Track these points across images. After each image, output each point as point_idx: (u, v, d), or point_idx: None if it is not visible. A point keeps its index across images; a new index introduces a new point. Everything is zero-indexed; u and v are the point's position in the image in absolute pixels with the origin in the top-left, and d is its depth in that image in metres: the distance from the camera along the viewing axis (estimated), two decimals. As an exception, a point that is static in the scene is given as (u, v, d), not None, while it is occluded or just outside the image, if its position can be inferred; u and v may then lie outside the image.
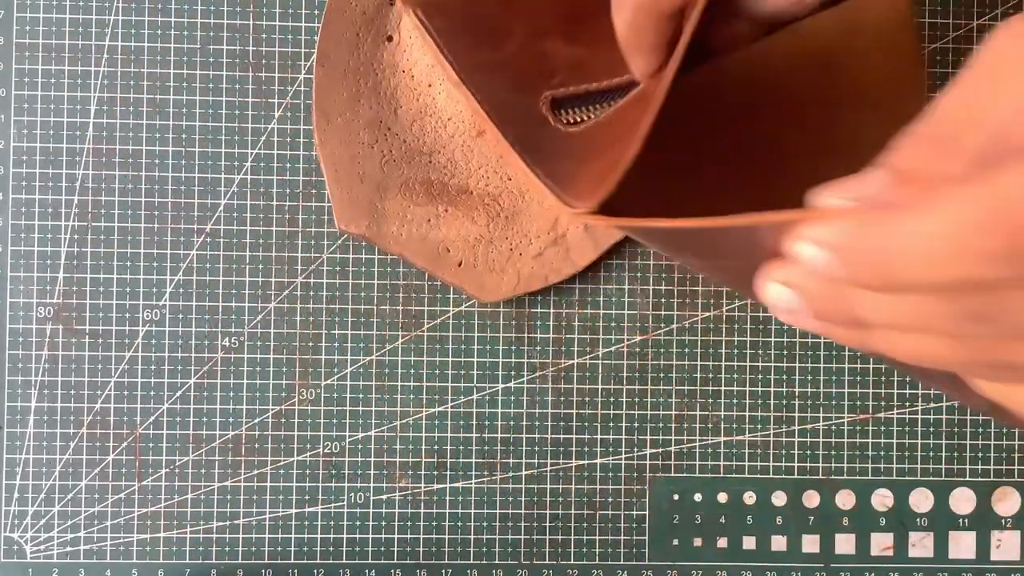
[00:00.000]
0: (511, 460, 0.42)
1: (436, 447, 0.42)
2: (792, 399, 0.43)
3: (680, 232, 0.28)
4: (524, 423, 0.42)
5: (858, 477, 0.43)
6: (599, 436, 0.42)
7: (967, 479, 0.43)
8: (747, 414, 0.42)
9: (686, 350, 0.42)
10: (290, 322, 0.42)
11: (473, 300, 0.42)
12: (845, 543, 0.43)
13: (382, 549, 0.42)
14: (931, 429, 0.43)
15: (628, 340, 0.42)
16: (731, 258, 0.31)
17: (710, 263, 0.33)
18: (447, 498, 0.42)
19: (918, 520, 0.43)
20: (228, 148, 0.42)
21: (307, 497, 0.42)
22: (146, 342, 0.42)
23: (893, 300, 0.22)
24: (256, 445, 0.42)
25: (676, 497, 0.42)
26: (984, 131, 0.20)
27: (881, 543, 0.43)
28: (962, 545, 0.43)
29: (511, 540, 0.42)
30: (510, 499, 0.42)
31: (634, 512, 0.43)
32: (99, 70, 0.41)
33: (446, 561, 0.42)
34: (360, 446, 0.42)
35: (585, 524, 0.42)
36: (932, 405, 0.43)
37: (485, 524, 0.42)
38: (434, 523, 0.42)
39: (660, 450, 0.42)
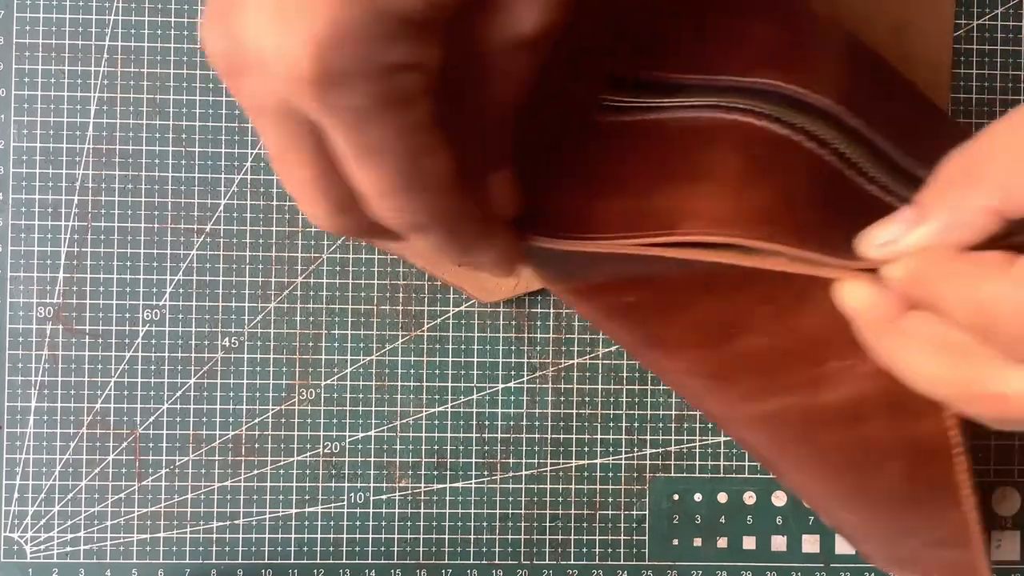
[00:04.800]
0: (511, 460, 0.42)
1: (436, 447, 0.42)
2: (792, 399, 0.42)
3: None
4: (524, 423, 0.42)
5: (858, 477, 0.43)
6: (599, 436, 0.42)
7: (967, 479, 0.43)
8: (747, 414, 0.42)
9: (686, 350, 0.42)
10: (290, 322, 0.42)
11: (473, 300, 0.42)
12: (845, 543, 0.43)
13: (382, 549, 0.42)
14: (931, 429, 0.43)
15: (628, 340, 0.42)
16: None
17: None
18: (447, 498, 0.42)
19: (918, 520, 0.43)
20: (228, 148, 0.42)
21: (307, 497, 0.42)
22: (146, 342, 0.42)
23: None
24: (256, 445, 0.42)
25: (676, 497, 0.42)
26: (1008, 156, 0.22)
27: (881, 543, 0.43)
28: (962, 545, 0.43)
29: (511, 540, 0.42)
30: (510, 499, 0.42)
31: (634, 512, 0.42)
32: (99, 70, 0.42)
33: (446, 561, 0.42)
34: (360, 446, 0.42)
35: (585, 524, 0.42)
36: (932, 405, 0.43)
37: (485, 524, 0.42)
38: (434, 523, 0.42)
39: (660, 450, 0.42)
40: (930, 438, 0.30)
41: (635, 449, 0.42)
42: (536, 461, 0.42)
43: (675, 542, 0.42)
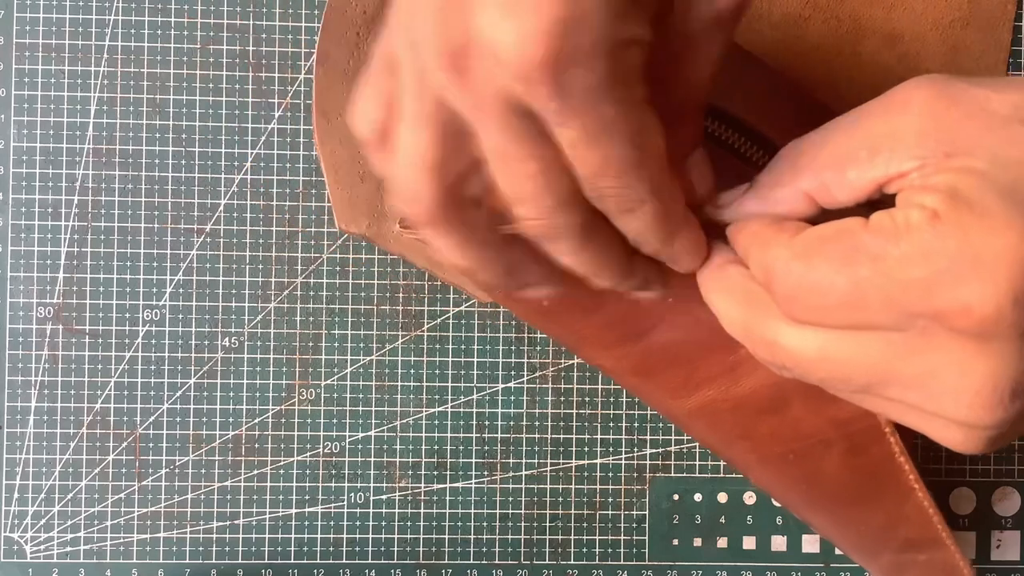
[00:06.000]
0: (511, 460, 0.42)
1: (436, 447, 0.42)
2: (792, 399, 0.42)
3: None
4: (524, 423, 0.42)
5: (858, 477, 0.43)
6: (599, 436, 0.42)
7: (967, 479, 0.43)
8: (747, 414, 0.42)
9: (686, 350, 0.42)
10: (290, 322, 0.42)
11: (473, 300, 0.42)
12: (845, 543, 0.43)
13: (382, 549, 0.42)
14: (931, 429, 0.43)
15: (628, 340, 0.42)
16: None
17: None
18: (447, 498, 0.42)
19: (918, 520, 0.43)
20: (228, 148, 0.42)
21: (307, 497, 0.42)
22: (146, 342, 0.42)
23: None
24: (256, 445, 0.42)
25: (676, 497, 0.42)
26: (829, 151, 0.25)
27: (881, 543, 0.43)
28: (962, 545, 0.43)
29: (511, 540, 0.42)
30: (510, 499, 0.42)
31: (634, 512, 0.43)
32: (99, 70, 0.42)
33: (446, 561, 0.42)
34: (360, 446, 0.42)
35: (585, 524, 0.42)
36: (932, 405, 0.43)
37: (485, 524, 0.42)
38: (434, 523, 0.42)
39: (660, 450, 0.42)
40: (857, 419, 0.31)
41: (635, 449, 0.42)
42: (536, 461, 0.42)
43: (675, 542, 0.43)
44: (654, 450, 0.42)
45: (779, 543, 0.43)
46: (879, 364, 0.24)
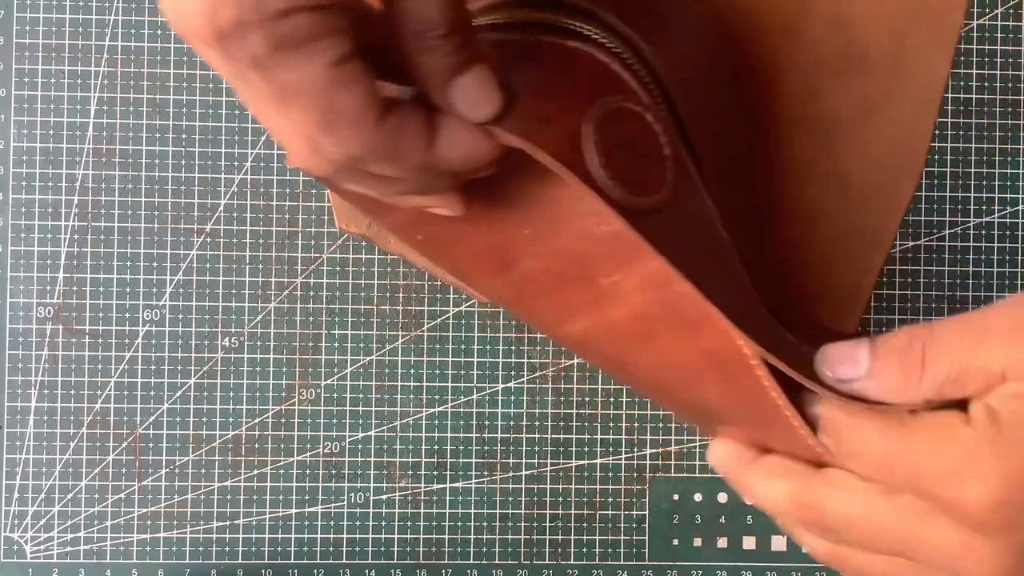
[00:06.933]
0: (511, 460, 0.42)
1: (436, 447, 0.42)
2: (792, 399, 0.42)
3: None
4: (524, 423, 0.42)
5: (858, 477, 0.43)
6: (599, 436, 0.42)
7: (967, 479, 0.43)
8: (747, 414, 0.42)
9: (686, 350, 0.42)
10: (290, 322, 0.42)
11: (473, 300, 0.42)
12: (845, 543, 0.43)
13: (382, 549, 0.42)
14: (931, 429, 0.43)
15: (628, 340, 0.42)
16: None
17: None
18: (447, 498, 0.42)
19: (918, 520, 0.43)
20: (228, 148, 0.42)
21: (307, 497, 0.42)
22: (146, 342, 0.42)
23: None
24: (256, 445, 0.42)
25: (676, 497, 0.43)
26: (951, 365, 0.27)
27: (881, 543, 0.43)
28: (962, 545, 0.43)
29: (511, 540, 0.42)
30: (510, 499, 0.42)
31: (634, 512, 0.43)
32: (99, 70, 0.42)
33: (446, 561, 0.42)
34: (360, 446, 0.42)
35: (585, 524, 0.42)
36: (932, 405, 0.43)
37: (485, 524, 0.42)
38: (434, 523, 0.42)
39: (660, 450, 0.42)
40: (723, 350, 0.30)
41: (635, 449, 0.42)
42: (536, 461, 0.42)
43: (675, 542, 0.43)
44: (654, 450, 0.42)
45: (779, 543, 0.43)
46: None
